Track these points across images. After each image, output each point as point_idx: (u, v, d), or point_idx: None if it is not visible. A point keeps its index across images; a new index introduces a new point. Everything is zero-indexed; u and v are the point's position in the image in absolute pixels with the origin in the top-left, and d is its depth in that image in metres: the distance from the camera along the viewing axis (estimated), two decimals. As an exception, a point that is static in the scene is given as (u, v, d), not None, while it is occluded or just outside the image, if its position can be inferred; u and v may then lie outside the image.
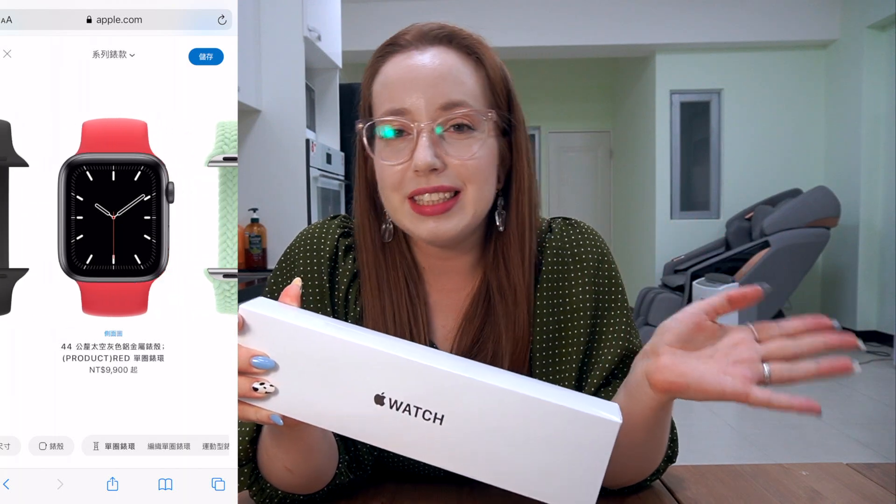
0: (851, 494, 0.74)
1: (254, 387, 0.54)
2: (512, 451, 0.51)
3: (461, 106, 0.71)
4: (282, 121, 3.10)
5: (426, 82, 0.71)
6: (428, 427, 0.51)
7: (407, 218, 0.73)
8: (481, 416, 0.51)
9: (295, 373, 0.53)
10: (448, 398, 0.51)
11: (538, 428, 0.51)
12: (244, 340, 0.54)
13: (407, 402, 0.51)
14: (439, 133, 0.71)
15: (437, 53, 0.73)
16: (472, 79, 0.73)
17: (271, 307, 0.55)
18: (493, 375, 0.53)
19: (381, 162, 0.73)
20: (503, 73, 0.77)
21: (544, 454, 0.51)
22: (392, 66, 0.73)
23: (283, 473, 0.68)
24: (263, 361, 0.54)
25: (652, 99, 6.22)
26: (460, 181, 0.72)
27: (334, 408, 0.53)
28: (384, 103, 0.73)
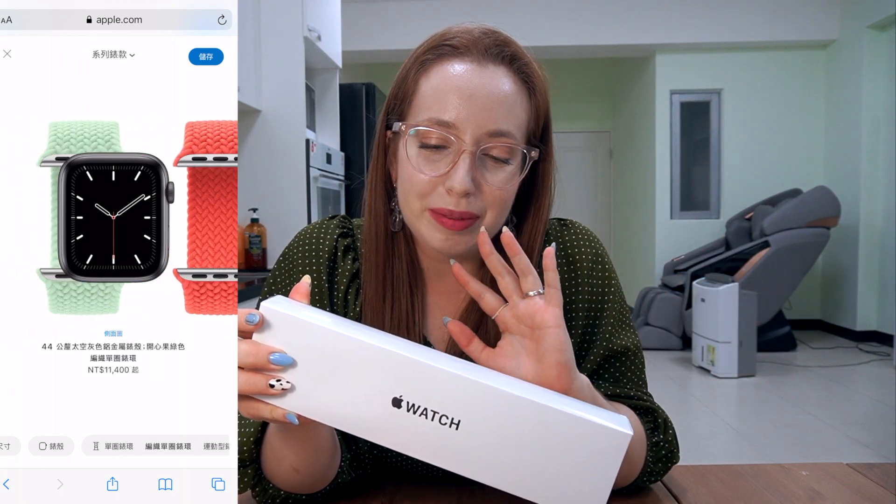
0: (851, 494, 0.74)
1: (270, 383, 0.53)
2: (525, 458, 0.52)
3: (507, 136, 0.70)
4: (282, 121, 3.10)
5: (481, 104, 0.69)
6: (443, 432, 0.51)
7: (424, 226, 0.72)
8: (497, 422, 0.51)
9: (313, 372, 0.53)
10: (465, 404, 0.51)
11: (552, 436, 0.51)
12: (262, 337, 0.54)
13: (424, 407, 0.51)
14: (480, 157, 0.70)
15: (497, 75, 0.71)
16: (522, 110, 0.72)
17: (291, 305, 0.55)
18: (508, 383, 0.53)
19: (411, 168, 0.71)
20: (547, 104, 0.76)
21: (556, 462, 0.52)
22: (448, 72, 0.71)
23: (290, 473, 0.68)
24: (281, 358, 0.53)
25: (652, 99, 6.22)
26: (483, 208, 0.71)
27: (351, 408, 0.53)
28: (432, 108, 0.70)
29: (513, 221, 0.78)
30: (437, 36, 0.74)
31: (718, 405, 3.85)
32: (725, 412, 3.71)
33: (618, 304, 0.81)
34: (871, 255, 5.41)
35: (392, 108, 0.76)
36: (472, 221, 0.71)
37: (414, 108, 0.72)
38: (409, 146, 0.71)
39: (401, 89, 0.75)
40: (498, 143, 0.70)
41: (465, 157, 0.69)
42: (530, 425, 0.51)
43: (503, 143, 0.70)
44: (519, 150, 0.71)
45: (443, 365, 0.52)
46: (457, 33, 0.73)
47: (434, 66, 0.72)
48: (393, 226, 0.78)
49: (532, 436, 0.51)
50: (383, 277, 0.77)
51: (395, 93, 0.76)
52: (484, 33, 0.72)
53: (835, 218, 5.08)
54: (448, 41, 0.72)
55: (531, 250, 0.77)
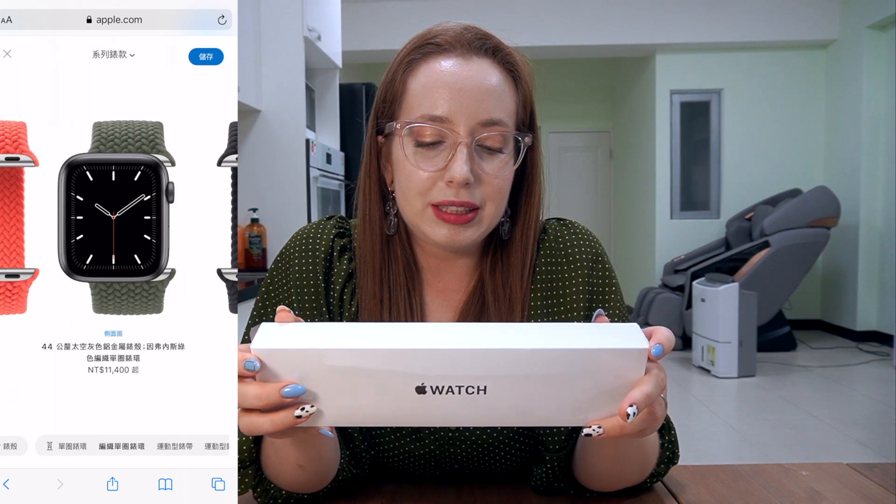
0: (851, 494, 0.74)
1: (296, 415, 0.52)
2: (552, 396, 0.54)
3: (499, 125, 0.72)
4: (282, 121, 3.10)
5: (472, 96, 0.71)
6: (473, 399, 0.52)
7: (427, 223, 0.73)
8: (522, 377, 0.52)
9: (330, 390, 0.52)
10: (486, 372, 0.52)
11: (574, 371, 0.53)
12: (266, 376, 0.52)
13: (448, 385, 0.52)
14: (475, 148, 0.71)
15: (483, 66, 0.73)
16: (510, 98, 0.74)
17: (284, 335, 0.53)
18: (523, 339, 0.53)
19: (409, 167, 0.72)
20: (532, 93, 0.78)
21: (583, 390, 0.54)
22: (434, 69, 0.72)
23: (295, 471, 0.68)
24: (294, 389, 0.51)
25: (652, 99, 6.22)
26: (482, 199, 0.72)
27: (378, 407, 0.53)
28: (423, 106, 0.72)
29: (508, 213, 0.79)
30: (419, 37, 0.75)
31: (718, 405, 3.85)
32: (725, 412, 3.71)
33: (618, 304, 0.81)
34: (871, 255, 5.41)
35: (381, 112, 0.77)
36: (474, 215, 0.72)
37: (404, 108, 0.74)
38: (406, 145, 0.72)
39: (389, 92, 0.76)
40: (491, 132, 0.71)
41: (461, 148, 0.70)
42: (553, 369, 0.52)
43: (496, 131, 0.71)
44: (512, 137, 0.73)
45: (455, 343, 0.52)
46: (438, 32, 0.74)
47: (420, 64, 0.74)
48: (388, 229, 0.78)
49: (555, 376, 0.53)
50: (380, 281, 0.77)
51: (382, 96, 0.77)
52: (465, 29, 0.74)
53: (835, 218, 5.08)
54: (431, 40, 0.74)
55: (526, 241, 0.78)
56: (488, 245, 0.80)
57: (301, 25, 3.09)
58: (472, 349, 0.51)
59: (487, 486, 0.78)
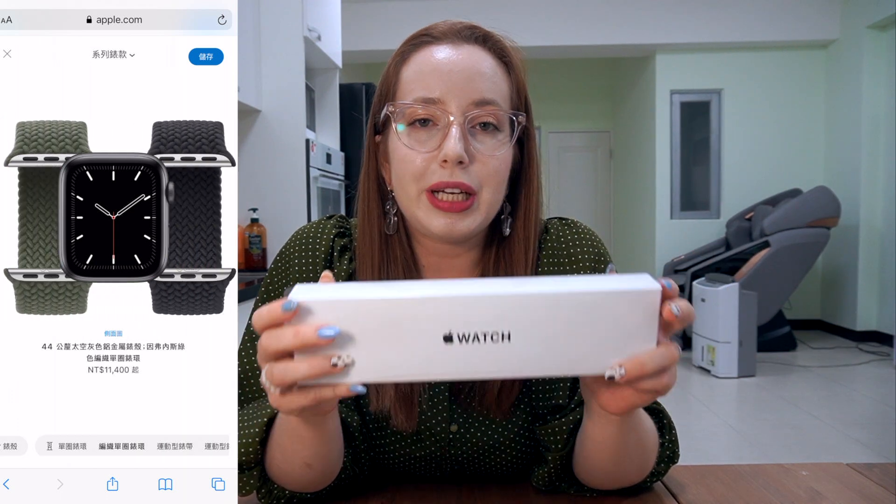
0: (851, 494, 0.74)
1: (333, 362, 0.52)
2: (573, 342, 0.55)
3: (492, 105, 0.72)
4: (282, 121, 3.10)
5: (462, 76, 0.72)
6: (498, 347, 0.54)
7: (422, 211, 0.72)
8: (544, 321, 0.54)
9: (363, 342, 0.53)
10: (511, 317, 0.54)
11: (593, 314, 0.55)
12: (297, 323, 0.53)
13: (475, 332, 0.53)
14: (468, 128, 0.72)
15: (473, 51, 0.74)
16: (503, 82, 0.75)
17: (316, 290, 0.54)
18: (538, 286, 0.56)
19: (404, 149, 0.72)
20: (525, 82, 0.78)
21: (601, 334, 0.55)
22: (426, 56, 0.74)
23: (302, 470, 0.67)
24: (328, 329, 0.51)
25: (652, 99, 6.22)
26: (478, 182, 0.72)
27: (406, 360, 0.54)
28: (415, 91, 0.72)
29: (508, 209, 0.78)
30: (414, 34, 0.77)
31: (718, 405, 3.85)
32: (725, 412, 3.71)
33: None
34: (871, 255, 5.41)
35: (378, 109, 0.77)
36: (471, 202, 0.72)
37: (398, 97, 0.74)
38: (399, 131, 0.73)
39: (384, 86, 0.77)
40: (484, 111, 0.72)
41: (454, 127, 0.70)
42: (573, 313, 0.54)
43: (489, 110, 0.72)
44: (507, 118, 0.73)
45: (480, 290, 0.54)
46: (432, 27, 0.76)
47: (412, 55, 0.75)
48: (388, 228, 0.78)
49: (576, 321, 0.55)
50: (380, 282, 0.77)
51: (379, 91, 0.78)
52: (458, 22, 0.76)
53: (835, 218, 5.08)
54: (425, 34, 0.76)
55: (527, 235, 0.78)
56: (490, 242, 0.79)
57: (301, 25, 3.09)
58: (494, 295, 0.53)
59: (488, 486, 0.78)
